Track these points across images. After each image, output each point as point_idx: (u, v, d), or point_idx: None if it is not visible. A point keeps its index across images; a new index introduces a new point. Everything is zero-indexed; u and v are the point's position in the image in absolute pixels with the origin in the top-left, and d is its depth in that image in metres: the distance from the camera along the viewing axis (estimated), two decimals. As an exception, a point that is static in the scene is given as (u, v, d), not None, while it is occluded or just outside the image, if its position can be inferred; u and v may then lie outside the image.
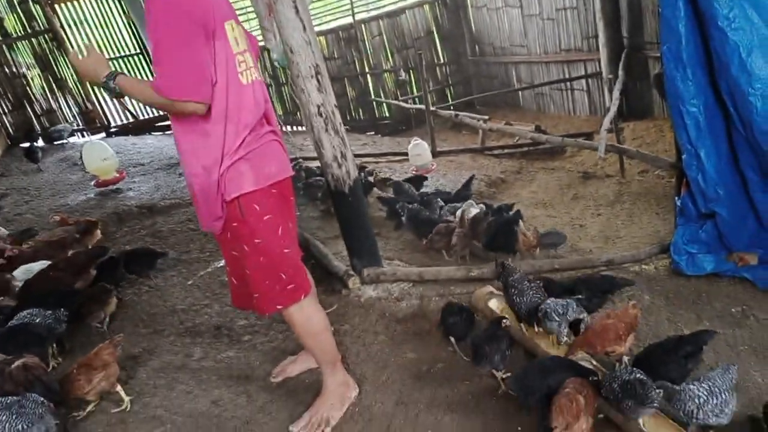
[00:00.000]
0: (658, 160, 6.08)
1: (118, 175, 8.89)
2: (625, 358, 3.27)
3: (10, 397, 3.04)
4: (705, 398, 2.60)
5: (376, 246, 4.85)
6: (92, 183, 8.84)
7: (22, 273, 4.86)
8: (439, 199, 6.24)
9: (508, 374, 3.40)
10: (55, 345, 4.16)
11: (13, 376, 3.18)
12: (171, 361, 4.22)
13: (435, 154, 9.04)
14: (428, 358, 3.83)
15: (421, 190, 6.69)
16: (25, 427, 2.94)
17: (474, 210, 5.52)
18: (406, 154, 9.12)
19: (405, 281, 4.81)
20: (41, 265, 4.89)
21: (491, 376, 3.49)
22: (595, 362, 3.31)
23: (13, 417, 2.92)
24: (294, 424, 3.33)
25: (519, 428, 3.12)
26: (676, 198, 4.55)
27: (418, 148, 8.39)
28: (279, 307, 3.12)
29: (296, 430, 3.29)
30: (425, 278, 4.76)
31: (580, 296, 3.69)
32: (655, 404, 2.66)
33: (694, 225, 4.41)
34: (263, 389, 3.75)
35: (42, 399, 3.05)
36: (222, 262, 5.91)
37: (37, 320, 3.96)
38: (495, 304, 4.03)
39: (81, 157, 8.93)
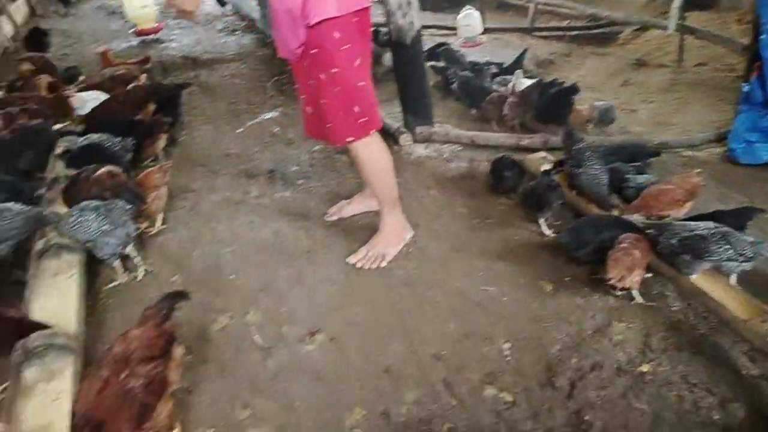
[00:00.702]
0: (731, 41, 5.83)
1: (156, 24, 8.75)
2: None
3: (96, 201, 3.24)
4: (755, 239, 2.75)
5: (430, 105, 4.85)
6: (131, 31, 8.76)
7: (78, 102, 4.97)
8: (491, 68, 6.11)
9: (557, 233, 3.56)
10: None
11: (101, 181, 3.36)
12: (230, 196, 4.42)
13: (482, 31, 8.70)
14: (480, 213, 3.97)
15: (472, 60, 6.52)
16: (109, 228, 3.17)
17: (527, 81, 5.42)
18: (451, 27, 8.80)
19: (455, 143, 4.86)
20: (96, 94, 5.00)
21: (541, 232, 3.65)
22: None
23: (100, 218, 3.14)
24: (352, 256, 3.53)
25: (567, 278, 3.28)
26: (743, 84, 4.43)
27: (469, 18, 8.07)
28: (350, 139, 3.20)
29: (354, 261, 3.50)
30: (476, 142, 4.81)
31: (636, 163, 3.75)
32: (714, 258, 2.78)
33: (758, 113, 4.35)
34: (320, 226, 3.94)
35: (128, 206, 3.25)
36: (269, 114, 6.05)
37: (107, 144, 4.13)
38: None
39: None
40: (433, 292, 3.25)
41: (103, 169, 3.45)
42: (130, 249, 3.38)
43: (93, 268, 3.46)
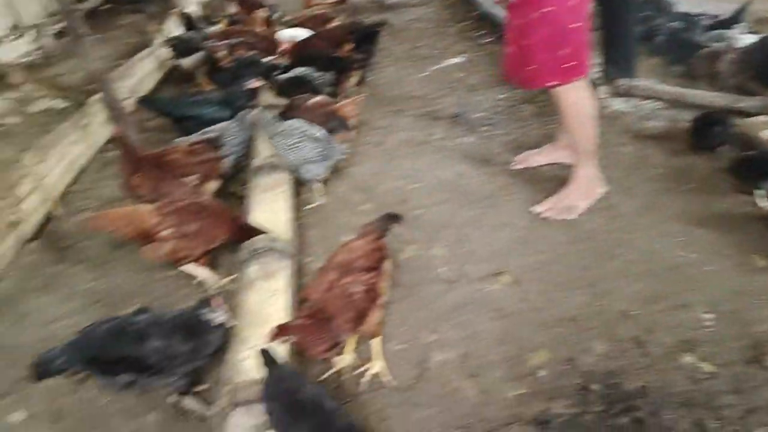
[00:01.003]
0: None
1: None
2: None
3: (307, 128, 3.53)
4: None
5: (635, 56, 4.49)
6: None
7: (287, 35, 5.39)
8: (704, 20, 5.45)
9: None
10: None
11: (314, 108, 3.67)
12: (414, 136, 4.55)
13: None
14: (678, 176, 3.66)
15: (683, 10, 5.86)
16: (318, 157, 3.44)
17: (749, 37, 4.76)
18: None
19: (658, 100, 4.48)
20: (304, 31, 5.37)
21: (754, 203, 3.28)
22: None
23: (313, 145, 3.41)
24: (538, 206, 3.47)
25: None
26: None
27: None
28: (552, 82, 3.10)
29: (540, 210, 3.43)
30: (682, 100, 4.38)
31: None
32: None
33: None
34: (503, 173, 3.91)
35: (333, 137, 3.49)
36: (453, 60, 6.03)
37: (310, 78, 4.47)
38: (771, 135, 3.62)
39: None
40: (622, 250, 3.11)
41: (317, 98, 3.73)
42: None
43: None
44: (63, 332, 2.75)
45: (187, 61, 5.22)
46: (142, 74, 5.29)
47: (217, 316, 2.21)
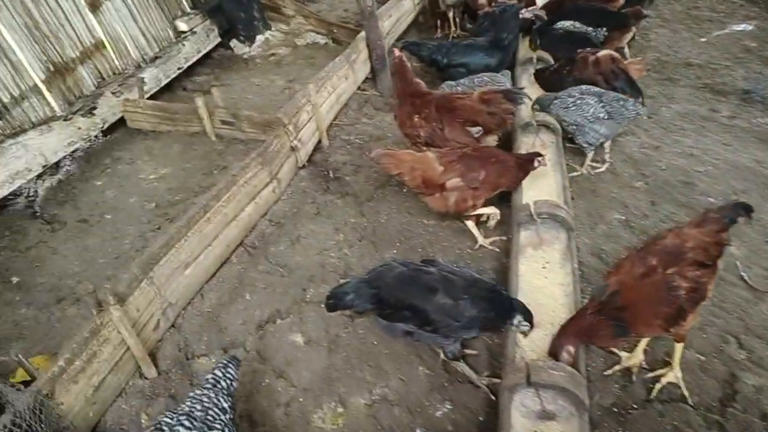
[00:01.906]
0: None
1: None
2: None
3: (594, 87, 3.17)
4: None
5: None
6: None
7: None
8: None
9: None
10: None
11: (601, 63, 3.28)
12: (694, 110, 3.92)
13: None
14: None
15: None
16: (604, 118, 3.06)
17: None
18: None
19: None
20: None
21: None
22: None
23: (599, 105, 3.05)
24: None
25: None
26: None
27: None
28: None
29: None
30: None
31: None
32: None
33: None
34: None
35: (632, 105, 3.07)
36: (740, 26, 5.08)
37: (582, 31, 4.06)
38: None
39: None
40: None
41: (605, 52, 3.33)
42: (607, 143, 3.28)
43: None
44: (334, 261, 2.86)
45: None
46: (399, 14, 5.26)
47: (520, 324, 2.04)
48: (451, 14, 5.28)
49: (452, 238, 2.96)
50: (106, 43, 3.95)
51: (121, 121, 4.00)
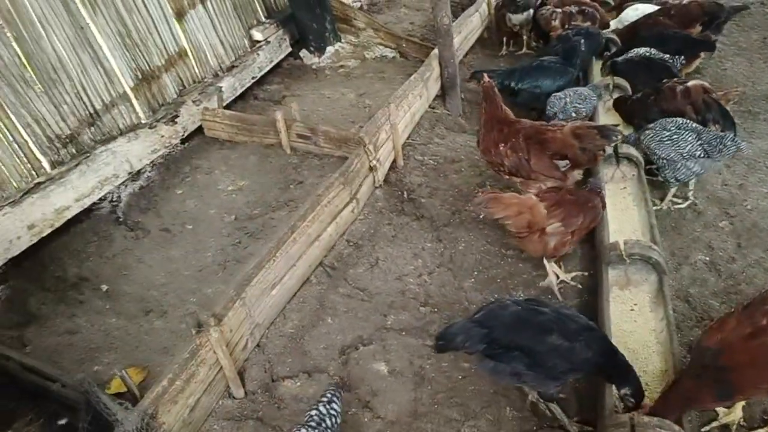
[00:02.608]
0: None
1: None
2: None
3: (692, 123, 3.08)
4: None
5: None
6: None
7: (632, 11, 4.86)
8: None
9: None
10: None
11: (690, 94, 3.18)
12: (779, 147, 3.77)
13: None
14: None
15: None
16: (700, 155, 2.97)
17: None
18: None
19: None
20: (651, 7, 4.78)
21: None
22: None
23: (697, 142, 2.96)
24: None
25: None
26: None
27: None
28: None
29: None
30: None
31: None
32: None
33: None
34: None
35: (731, 142, 2.97)
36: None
37: (661, 58, 3.97)
38: None
39: None
40: None
41: (695, 82, 3.24)
42: (693, 180, 3.19)
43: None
44: (414, 288, 2.84)
45: (518, 17, 5.10)
46: (467, 31, 5.24)
47: (626, 397, 2.00)
48: (519, 32, 5.28)
49: (533, 270, 2.92)
50: (189, 51, 4.02)
51: (198, 130, 4.06)
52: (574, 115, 3.71)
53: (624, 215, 3.10)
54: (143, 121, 3.61)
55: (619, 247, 2.63)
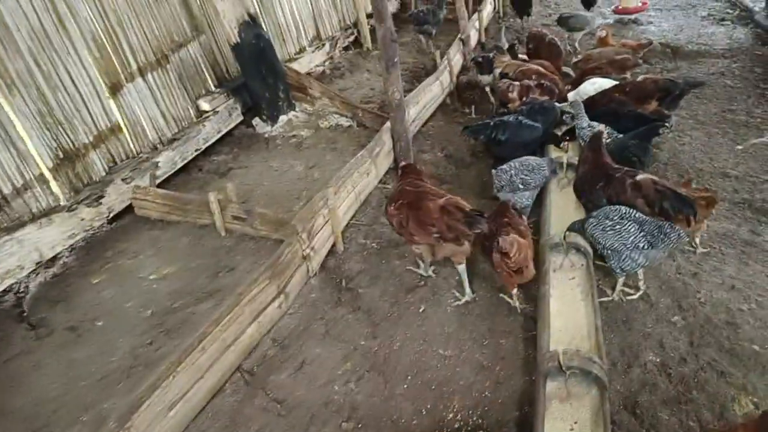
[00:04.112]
0: None
1: (641, 4, 8.15)
2: None
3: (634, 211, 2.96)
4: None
5: None
6: (611, 9, 8.39)
7: (589, 85, 4.82)
8: None
9: None
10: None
11: (641, 188, 3.06)
12: (734, 231, 3.65)
13: None
14: None
15: None
16: (643, 245, 2.85)
17: None
18: None
19: None
20: (609, 81, 4.76)
21: None
22: None
23: (638, 232, 2.87)
24: None
25: None
26: None
27: None
28: None
29: None
30: None
31: None
32: None
33: None
34: None
35: (675, 233, 2.84)
36: (779, 135, 4.88)
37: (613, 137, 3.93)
38: None
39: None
40: None
41: (643, 176, 3.14)
42: (641, 270, 3.04)
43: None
44: (338, 399, 2.58)
45: (486, 78, 5.43)
46: (426, 100, 5.17)
47: None
48: (488, 90, 5.51)
49: (470, 375, 2.69)
50: (123, 127, 3.84)
51: (129, 207, 3.84)
52: (521, 187, 3.59)
53: (570, 310, 2.91)
54: (62, 204, 3.38)
55: (558, 357, 2.43)
